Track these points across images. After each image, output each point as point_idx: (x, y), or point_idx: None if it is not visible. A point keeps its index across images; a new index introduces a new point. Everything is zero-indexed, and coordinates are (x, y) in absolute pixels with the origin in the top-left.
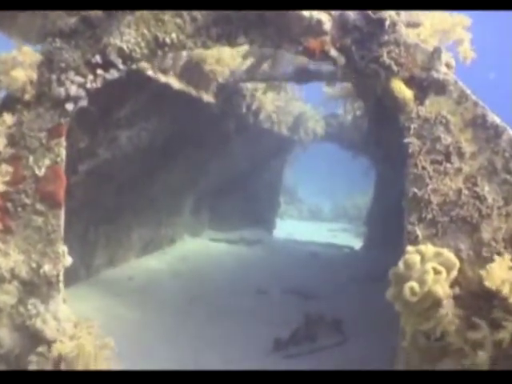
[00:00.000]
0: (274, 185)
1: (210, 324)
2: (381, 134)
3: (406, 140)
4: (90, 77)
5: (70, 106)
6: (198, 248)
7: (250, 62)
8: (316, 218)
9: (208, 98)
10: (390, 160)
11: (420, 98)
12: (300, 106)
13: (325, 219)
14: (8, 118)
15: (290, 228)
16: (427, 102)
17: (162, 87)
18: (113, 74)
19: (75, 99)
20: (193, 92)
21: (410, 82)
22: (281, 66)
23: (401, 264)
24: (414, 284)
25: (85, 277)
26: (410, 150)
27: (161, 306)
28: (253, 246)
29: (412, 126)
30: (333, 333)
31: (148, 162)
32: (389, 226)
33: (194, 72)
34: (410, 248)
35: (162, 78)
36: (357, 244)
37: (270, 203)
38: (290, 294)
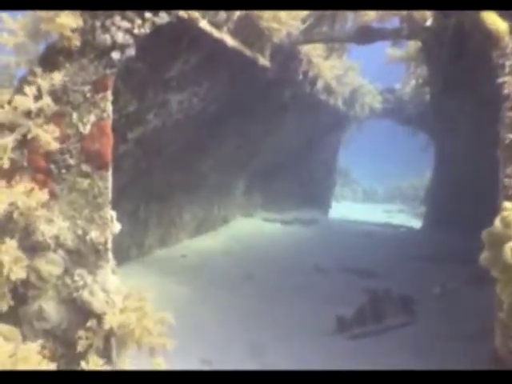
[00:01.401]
0: (329, 164)
1: (265, 301)
2: (444, 103)
3: (500, 80)
4: (138, 21)
5: (116, 55)
6: (251, 228)
7: (307, 22)
8: (371, 200)
9: (263, 61)
10: (452, 132)
11: None
12: (357, 78)
13: (380, 200)
14: (51, 73)
15: (345, 209)
16: None
17: (214, 44)
18: (163, 18)
19: (122, 47)
20: (248, 53)
21: (503, 12)
22: (341, 26)
23: (498, 222)
24: None
25: (136, 256)
26: (506, 91)
27: (214, 284)
28: (308, 226)
29: (507, 64)
30: (400, 312)
31: (199, 133)
32: (451, 204)
33: (248, 29)
34: (507, 204)
35: (215, 33)
36: (415, 224)
37: (326, 184)
38: (347, 272)
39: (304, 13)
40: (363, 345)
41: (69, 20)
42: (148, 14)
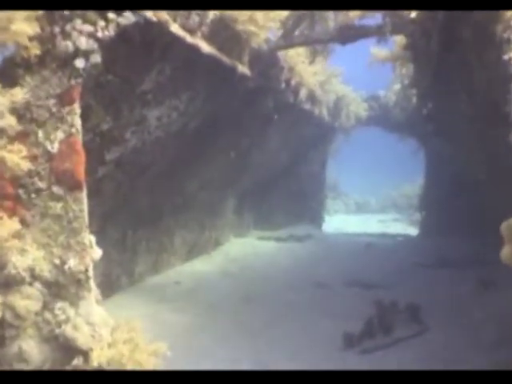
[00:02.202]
0: (319, 177)
1: (268, 323)
2: (433, 102)
3: (506, 56)
4: (101, 23)
5: (80, 63)
6: (246, 248)
7: (286, 25)
8: (363, 211)
9: (243, 68)
10: (443, 133)
11: None
12: (341, 86)
13: (373, 211)
14: (10, 89)
15: (339, 222)
16: None
17: (189, 51)
18: (128, 19)
19: (86, 54)
20: (226, 60)
21: None
22: (321, 27)
23: None
24: None
25: (127, 285)
26: None
27: (213, 308)
28: (304, 242)
29: None
30: (409, 322)
31: (182, 150)
32: (446, 208)
33: (224, 33)
34: None
35: (189, 39)
36: (411, 232)
37: (317, 197)
38: (350, 286)
39: (282, 14)
40: (376, 359)
41: (25, 27)
42: (111, 15)
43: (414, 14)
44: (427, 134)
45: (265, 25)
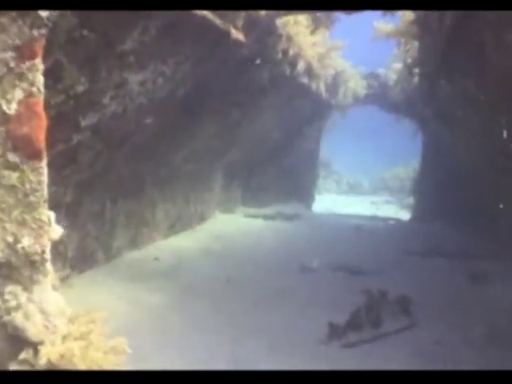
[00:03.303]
0: (311, 155)
1: (251, 308)
2: (438, 85)
3: None
4: None
5: (44, 11)
6: (231, 225)
7: None
8: (355, 192)
9: (237, 34)
10: (445, 118)
11: None
12: (340, 61)
13: (365, 192)
14: None
15: (329, 202)
16: None
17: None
18: None
19: None
20: (218, 23)
21: None
22: None
23: None
24: None
25: (103, 261)
26: None
27: (193, 290)
28: (292, 221)
29: None
30: (398, 315)
31: (168, 120)
32: (440, 194)
33: None
34: None
35: None
36: (403, 216)
37: (309, 176)
38: (337, 271)
39: None
40: (361, 354)
41: None
42: None
43: None
44: (427, 117)
45: None
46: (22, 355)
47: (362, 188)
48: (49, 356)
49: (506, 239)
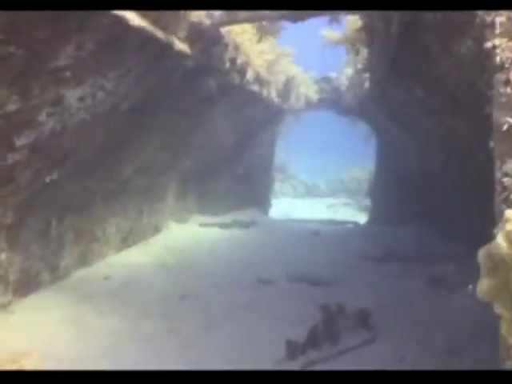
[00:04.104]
0: (266, 161)
1: (206, 327)
2: (389, 89)
3: (489, 43)
4: None
5: None
6: (186, 236)
7: None
8: (312, 194)
9: (181, 45)
10: (397, 121)
11: None
12: (291, 66)
13: (322, 195)
14: None
15: (286, 206)
16: None
17: (114, 23)
18: None
19: None
20: (160, 35)
21: None
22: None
23: (500, 240)
24: None
25: (49, 281)
26: (498, 59)
27: (145, 308)
28: (248, 229)
29: (498, 21)
30: (358, 329)
31: (114, 134)
32: (396, 196)
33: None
34: (511, 213)
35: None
36: (361, 219)
37: (264, 181)
38: (295, 282)
39: None
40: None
41: None
42: None
43: None
44: (379, 121)
45: None
46: None
47: (320, 190)
48: None
49: (462, 241)
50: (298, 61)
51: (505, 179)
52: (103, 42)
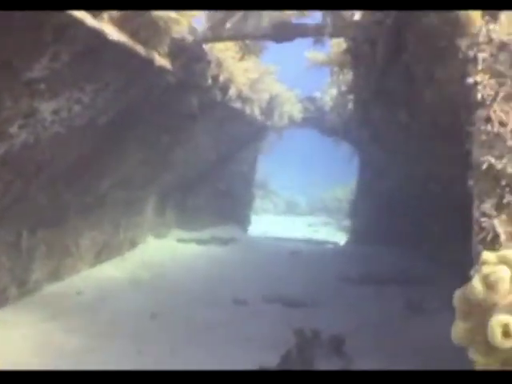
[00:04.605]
0: (247, 177)
1: (176, 349)
2: (372, 112)
3: (468, 80)
4: None
5: None
6: (163, 251)
7: (215, 16)
8: (293, 212)
9: (162, 61)
10: (380, 143)
11: (491, 13)
12: (275, 84)
13: (302, 213)
14: None
15: (266, 224)
16: (503, 17)
17: (91, 36)
18: None
19: None
20: (139, 49)
21: None
22: (255, 20)
23: (477, 283)
24: (508, 319)
25: (17, 296)
26: (479, 95)
27: (114, 327)
28: (227, 246)
29: (481, 57)
30: (332, 355)
31: (91, 148)
32: (377, 217)
33: (138, 19)
34: (488, 255)
35: (90, 21)
36: (340, 239)
37: (244, 197)
38: (272, 303)
39: None
40: None
41: None
42: None
43: (357, 16)
44: (362, 142)
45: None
46: None
47: (300, 208)
48: None
49: (442, 263)
50: (281, 79)
51: (482, 219)
52: (80, 54)
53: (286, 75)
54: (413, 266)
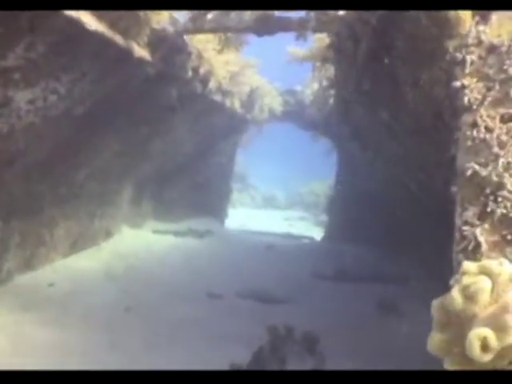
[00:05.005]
0: (225, 170)
1: (149, 344)
2: (353, 109)
3: (455, 83)
4: None
5: None
6: (138, 242)
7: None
8: (270, 206)
9: (141, 52)
10: (359, 140)
11: (482, 14)
12: (255, 77)
13: (280, 207)
14: None
15: (243, 217)
16: (494, 18)
17: (68, 25)
18: None
19: None
20: (118, 40)
21: None
22: (237, 14)
23: (456, 293)
24: (486, 332)
25: None
26: (466, 99)
27: (87, 321)
28: (203, 239)
29: (469, 59)
30: (305, 353)
31: (66, 138)
32: (353, 214)
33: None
34: (468, 265)
35: (67, 11)
36: (317, 234)
37: (222, 190)
38: (246, 298)
39: None
40: None
41: None
42: None
43: (342, 12)
44: (342, 137)
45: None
46: None
47: (277, 202)
48: None
49: (417, 262)
50: (262, 73)
51: (465, 227)
52: (56, 44)
53: (266, 70)
54: (387, 264)
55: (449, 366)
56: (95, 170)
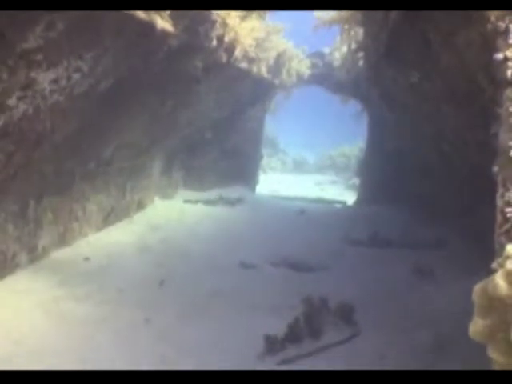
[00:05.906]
0: (255, 136)
1: (184, 318)
2: (383, 72)
3: (497, 55)
4: None
5: None
6: (171, 213)
7: None
8: (301, 170)
9: (163, 24)
10: (390, 103)
11: None
12: (282, 41)
13: (310, 171)
14: None
15: (274, 182)
16: None
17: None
18: None
19: None
20: (140, 13)
21: None
22: None
23: (499, 279)
24: None
25: (27, 263)
26: (510, 73)
27: (122, 295)
28: (234, 207)
29: None
30: (341, 323)
31: (92, 115)
32: (386, 178)
33: None
34: None
35: None
36: (348, 198)
37: (252, 156)
38: (280, 267)
39: None
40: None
41: None
42: None
43: None
44: (372, 100)
45: None
46: None
47: (308, 166)
48: None
49: (451, 228)
50: (289, 37)
51: (508, 209)
52: (76, 21)
53: (292, 34)
54: (421, 229)
55: (492, 352)
56: (123, 143)
